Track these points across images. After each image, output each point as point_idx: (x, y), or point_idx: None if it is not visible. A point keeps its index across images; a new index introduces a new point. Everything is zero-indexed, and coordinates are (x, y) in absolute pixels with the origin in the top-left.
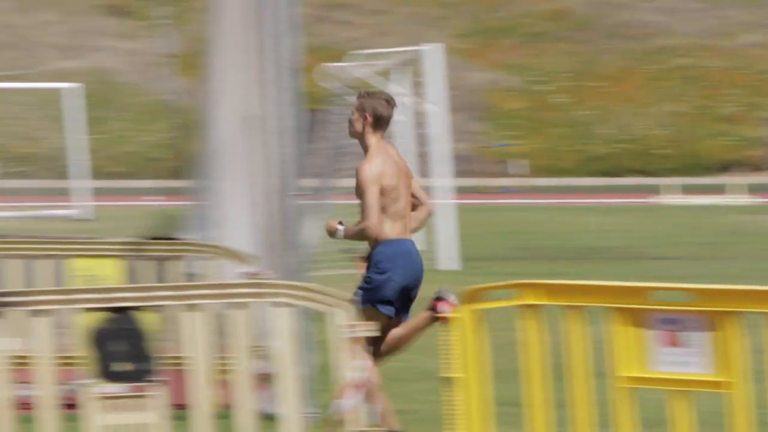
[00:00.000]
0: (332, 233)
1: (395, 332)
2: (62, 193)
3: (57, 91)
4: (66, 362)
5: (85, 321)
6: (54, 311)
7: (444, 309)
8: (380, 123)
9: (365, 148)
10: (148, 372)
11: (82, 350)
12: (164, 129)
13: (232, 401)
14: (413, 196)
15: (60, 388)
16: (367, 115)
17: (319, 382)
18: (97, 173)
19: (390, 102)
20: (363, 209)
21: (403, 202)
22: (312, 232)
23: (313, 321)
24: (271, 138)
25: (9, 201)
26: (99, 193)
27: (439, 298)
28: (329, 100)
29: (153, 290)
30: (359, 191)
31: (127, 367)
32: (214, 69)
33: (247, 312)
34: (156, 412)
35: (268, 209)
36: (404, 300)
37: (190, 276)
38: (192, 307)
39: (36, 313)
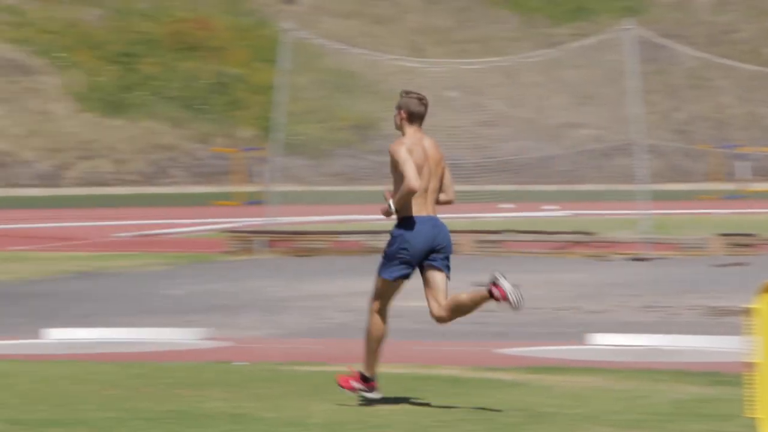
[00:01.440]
0: (387, 212)
1: (459, 297)
2: None
3: None
4: None
5: None
6: None
7: (495, 293)
8: (413, 118)
9: None
10: None
11: None
12: None
13: None
14: (444, 186)
15: None
16: (402, 112)
17: None
18: None
19: (422, 100)
20: (397, 180)
21: (423, 184)
22: None
23: None
24: None
25: None
26: None
27: (493, 282)
28: None
29: None
30: (393, 165)
31: None
32: None
33: None
34: None
35: None
36: (426, 258)
37: None
38: None
39: None
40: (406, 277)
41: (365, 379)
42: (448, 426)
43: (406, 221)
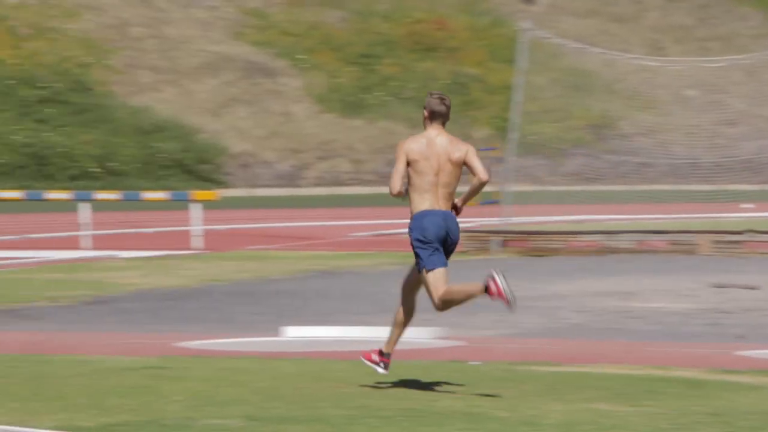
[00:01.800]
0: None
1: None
2: None
3: None
4: None
5: None
6: None
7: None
8: (434, 116)
9: None
10: None
11: None
12: None
13: None
14: (470, 168)
15: None
16: (425, 111)
17: None
18: None
19: (443, 100)
20: (410, 174)
21: (428, 179)
22: None
23: None
24: None
25: None
26: None
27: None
28: None
29: None
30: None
31: None
32: None
33: None
34: None
35: None
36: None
37: None
38: None
39: None
40: (443, 262)
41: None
42: (685, 428)
43: (418, 215)
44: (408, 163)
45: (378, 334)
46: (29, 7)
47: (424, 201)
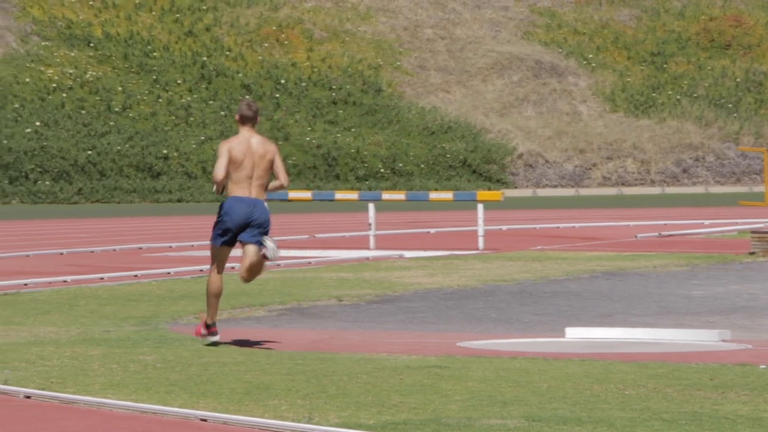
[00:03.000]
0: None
1: (251, 263)
2: None
3: None
4: None
5: None
6: None
7: (262, 251)
8: (244, 120)
9: None
10: None
11: None
12: None
13: None
14: (274, 168)
15: None
16: (237, 115)
17: None
18: None
19: (250, 106)
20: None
21: (245, 173)
22: None
23: None
24: None
25: None
26: None
27: (260, 244)
28: None
29: None
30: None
31: None
32: None
33: None
34: None
35: None
36: (240, 233)
37: None
38: None
39: None
40: (228, 244)
41: (208, 326)
42: None
43: (231, 199)
44: (229, 160)
45: (662, 336)
46: (325, 10)
47: (240, 189)
